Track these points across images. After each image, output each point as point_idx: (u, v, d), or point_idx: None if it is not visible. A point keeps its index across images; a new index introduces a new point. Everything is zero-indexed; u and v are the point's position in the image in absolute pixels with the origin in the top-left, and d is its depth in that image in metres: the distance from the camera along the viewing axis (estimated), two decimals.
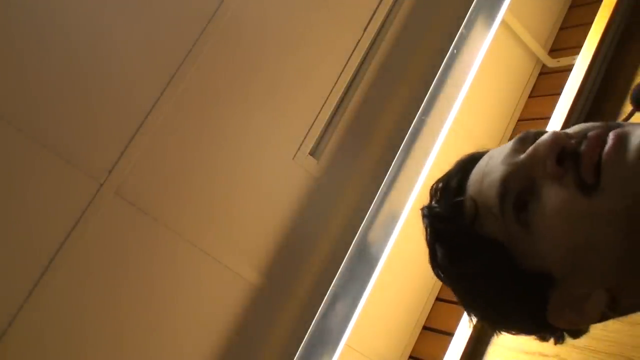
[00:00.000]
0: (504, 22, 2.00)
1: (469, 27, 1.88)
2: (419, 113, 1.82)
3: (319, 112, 1.77)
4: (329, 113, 1.79)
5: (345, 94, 1.82)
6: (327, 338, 1.67)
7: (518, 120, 2.13)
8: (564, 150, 0.58)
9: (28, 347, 1.39)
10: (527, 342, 1.60)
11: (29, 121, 1.39)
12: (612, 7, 1.95)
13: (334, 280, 1.70)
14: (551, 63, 2.18)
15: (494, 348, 1.66)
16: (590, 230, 0.57)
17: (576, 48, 2.03)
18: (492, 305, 0.66)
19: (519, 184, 0.60)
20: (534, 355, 1.56)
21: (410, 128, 1.81)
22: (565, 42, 2.20)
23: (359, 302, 1.70)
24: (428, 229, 0.67)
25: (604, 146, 0.56)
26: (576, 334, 0.67)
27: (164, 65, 1.55)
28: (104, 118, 1.48)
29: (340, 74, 1.80)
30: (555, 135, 0.59)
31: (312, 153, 1.76)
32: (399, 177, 1.78)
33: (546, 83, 2.16)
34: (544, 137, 0.60)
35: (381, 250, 1.73)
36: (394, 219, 1.76)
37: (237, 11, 1.64)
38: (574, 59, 1.98)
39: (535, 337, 0.68)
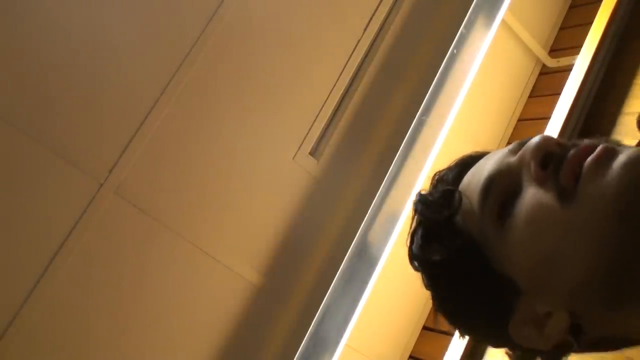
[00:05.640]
0: (504, 22, 2.00)
1: (469, 27, 1.88)
2: (419, 113, 1.82)
3: (319, 112, 1.77)
4: (329, 113, 1.79)
5: (346, 94, 1.82)
6: (327, 338, 1.67)
7: (518, 120, 2.13)
8: (550, 155, 0.56)
9: (28, 347, 1.39)
10: None
11: (29, 121, 1.39)
12: (612, 7, 1.96)
13: (334, 281, 1.70)
14: (551, 63, 2.18)
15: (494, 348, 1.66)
16: (558, 242, 0.54)
17: (576, 48, 2.03)
18: (455, 303, 0.63)
19: (504, 184, 0.58)
20: None
21: (410, 128, 1.81)
22: (565, 42, 2.20)
23: (358, 302, 1.70)
24: (414, 214, 0.66)
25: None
26: (544, 355, 0.62)
27: (164, 65, 1.55)
28: (104, 118, 1.48)
29: (340, 74, 1.80)
30: (544, 138, 0.57)
31: (312, 153, 1.76)
32: (398, 177, 1.78)
33: (546, 83, 2.16)
34: (533, 139, 0.58)
35: (381, 250, 1.73)
36: (393, 219, 1.76)
37: (238, 11, 1.64)
38: (574, 59, 1.98)
39: (505, 350, 0.64)
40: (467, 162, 0.66)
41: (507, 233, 0.57)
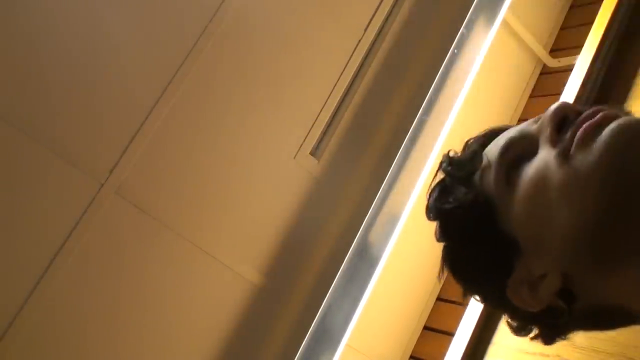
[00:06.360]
0: (504, 22, 2.00)
1: (470, 27, 1.88)
2: (419, 113, 1.82)
3: (320, 112, 1.77)
4: (330, 113, 1.79)
5: (346, 94, 1.82)
6: (328, 338, 1.67)
7: (519, 120, 2.12)
8: (567, 120, 0.59)
9: (29, 348, 1.39)
10: (527, 343, 1.59)
11: (29, 121, 1.39)
12: (612, 7, 1.95)
13: (335, 280, 1.70)
14: (552, 63, 2.18)
15: (495, 348, 1.66)
16: (551, 201, 0.57)
17: (577, 48, 2.03)
18: (462, 256, 0.67)
19: (521, 146, 0.62)
20: (534, 356, 1.56)
21: (411, 128, 1.81)
22: (566, 42, 2.20)
23: (359, 302, 1.70)
24: (437, 171, 0.70)
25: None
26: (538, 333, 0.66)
27: (165, 65, 1.55)
28: (104, 118, 1.48)
29: (341, 74, 1.80)
30: (562, 104, 0.60)
31: (313, 153, 1.76)
32: (399, 177, 1.78)
33: (547, 83, 2.16)
34: (553, 105, 0.61)
35: (382, 250, 1.73)
36: (394, 219, 1.76)
37: (238, 11, 1.64)
38: (575, 59, 1.98)
39: (510, 325, 0.68)
40: (495, 131, 0.69)
41: (514, 193, 0.60)
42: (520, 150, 0.61)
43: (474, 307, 1.73)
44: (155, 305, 1.54)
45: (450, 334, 1.75)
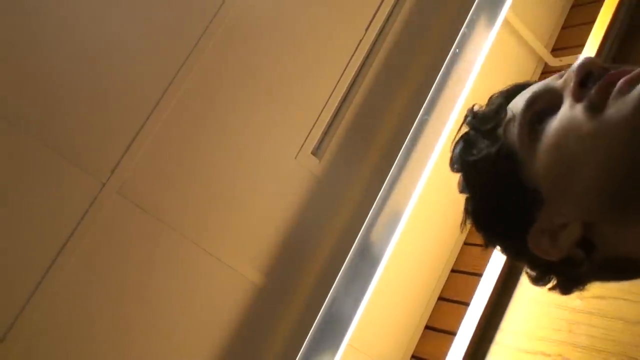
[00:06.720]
0: (506, 22, 2.00)
1: (471, 26, 1.88)
2: (421, 112, 1.82)
3: (321, 112, 1.77)
4: (331, 112, 1.79)
5: (348, 94, 1.82)
6: (330, 337, 1.67)
7: None
8: (592, 75, 0.61)
9: (31, 348, 1.39)
10: (529, 342, 1.59)
11: (31, 121, 1.39)
12: (614, 6, 1.95)
13: (336, 280, 1.70)
14: (553, 62, 2.18)
15: (496, 347, 1.66)
16: (578, 150, 0.58)
17: (578, 47, 2.03)
18: (484, 207, 0.69)
19: (546, 99, 0.64)
20: (536, 355, 1.56)
21: (413, 127, 1.81)
22: (567, 41, 2.20)
23: (361, 301, 1.70)
24: (461, 125, 0.72)
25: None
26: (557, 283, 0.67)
27: (167, 65, 1.55)
28: (106, 118, 1.48)
29: (342, 73, 1.80)
30: (588, 59, 0.62)
31: (314, 152, 1.76)
32: (401, 177, 1.78)
33: None
34: (578, 60, 0.63)
35: (383, 250, 1.73)
36: (396, 218, 1.76)
37: (239, 11, 1.64)
38: (577, 58, 1.98)
39: (529, 276, 0.69)
40: (519, 87, 0.71)
41: (538, 145, 0.62)
42: (545, 103, 0.63)
43: (476, 307, 1.73)
44: (157, 306, 1.54)
45: (452, 334, 1.75)
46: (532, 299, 1.65)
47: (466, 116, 0.72)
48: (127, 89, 1.51)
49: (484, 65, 1.90)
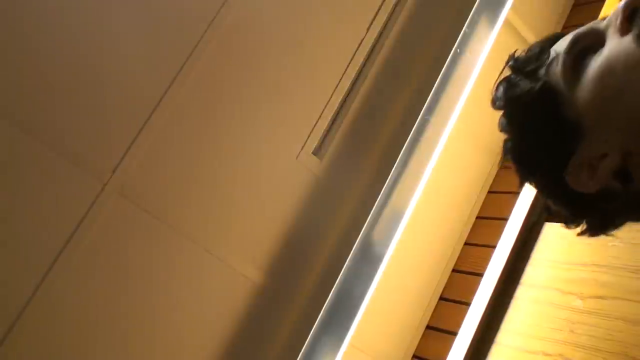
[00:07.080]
0: (507, 22, 2.00)
1: (472, 26, 1.88)
2: (422, 112, 1.82)
3: (322, 112, 1.77)
4: (332, 112, 1.79)
5: (349, 94, 1.82)
6: (330, 337, 1.67)
7: None
8: (637, 11, 0.62)
9: (31, 347, 1.39)
10: (530, 342, 1.59)
11: (32, 121, 1.39)
12: (614, 6, 1.95)
13: (338, 280, 1.70)
14: None
15: (498, 347, 1.66)
16: (628, 79, 0.60)
17: None
18: (525, 140, 0.70)
19: (589, 38, 0.65)
20: (537, 355, 1.56)
21: (414, 127, 1.81)
22: None
23: (362, 301, 1.70)
24: (504, 67, 0.75)
25: None
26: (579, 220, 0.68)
27: (167, 65, 1.55)
28: (107, 118, 1.49)
29: (343, 73, 1.80)
30: None
31: (315, 152, 1.76)
32: (402, 176, 1.78)
33: None
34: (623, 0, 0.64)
35: (385, 249, 1.74)
36: (397, 217, 1.76)
37: (241, 11, 1.64)
38: None
39: (560, 216, 0.70)
40: (560, 35, 0.72)
41: (581, 79, 0.63)
42: (589, 41, 0.65)
43: (477, 307, 1.73)
44: (158, 306, 1.54)
45: (453, 334, 1.75)
46: (533, 299, 1.65)
47: (508, 60, 0.74)
48: (129, 89, 1.51)
49: (485, 65, 1.90)
